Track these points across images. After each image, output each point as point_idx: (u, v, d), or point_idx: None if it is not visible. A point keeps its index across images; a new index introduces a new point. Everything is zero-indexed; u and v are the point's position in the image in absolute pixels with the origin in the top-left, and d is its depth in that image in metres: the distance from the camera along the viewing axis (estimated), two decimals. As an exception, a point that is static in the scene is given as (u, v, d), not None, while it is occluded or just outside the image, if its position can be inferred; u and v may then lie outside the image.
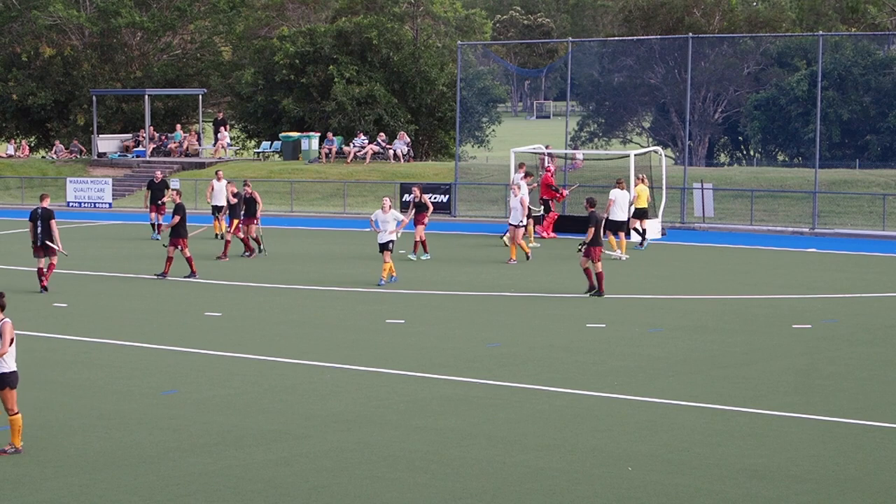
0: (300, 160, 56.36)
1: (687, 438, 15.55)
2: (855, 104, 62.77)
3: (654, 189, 41.30)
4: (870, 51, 63.91)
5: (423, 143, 63.78)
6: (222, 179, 39.53)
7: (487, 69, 76.23)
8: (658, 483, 13.75)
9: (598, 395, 17.95)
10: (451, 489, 13.58)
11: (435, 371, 19.57)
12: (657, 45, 64.52)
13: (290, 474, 14.10)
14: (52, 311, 25.92)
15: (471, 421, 16.46)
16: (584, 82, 71.02)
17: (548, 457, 14.77)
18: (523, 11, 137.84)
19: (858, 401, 17.67)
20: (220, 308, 25.99)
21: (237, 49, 69.00)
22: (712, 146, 72.35)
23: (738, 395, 17.92)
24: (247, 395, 18.02)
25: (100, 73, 67.19)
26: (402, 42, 61.69)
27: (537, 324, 24.15)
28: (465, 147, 61.49)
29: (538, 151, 44.73)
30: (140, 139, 61.09)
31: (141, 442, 15.44)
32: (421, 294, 28.24)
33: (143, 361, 20.56)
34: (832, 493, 13.47)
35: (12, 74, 66.77)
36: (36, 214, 28.34)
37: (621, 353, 21.06)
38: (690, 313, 25.38)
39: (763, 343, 22.01)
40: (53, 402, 17.66)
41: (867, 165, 56.69)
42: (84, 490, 13.54)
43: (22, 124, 69.40)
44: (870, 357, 20.92)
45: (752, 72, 68.61)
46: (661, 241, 39.59)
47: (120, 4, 65.65)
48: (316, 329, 23.73)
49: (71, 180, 54.31)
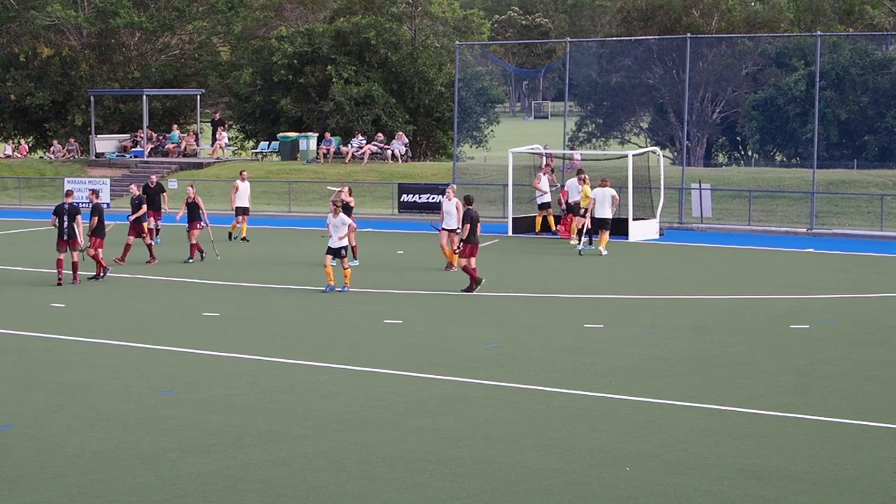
0: (298, 160, 56.35)
1: (685, 439, 15.55)
2: (853, 104, 62.81)
3: (653, 189, 41.38)
4: (868, 51, 63.92)
5: (421, 144, 63.78)
6: (246, 180, 39.58)
7: (485, 69, 76.15)
8: (656, 483, 13.75)
9: (597, 396, 17.95)
10: (449, 489, 13.58)
11: (433, 371, 19.57)
12: (655, 46, 64.53)
13: (288, 474, 14.10)
14: (50, 311, 25.91)
15: (469, 421, 16.46)
16: (582, 82, 71.02)
17: (546, 457, 14.77)
18: (521, 12, 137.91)
19: (857, 401, 17.67)
20: (219, 308, 25.98)
21: (235, 49, 68.98)
22: (710, 146, 72.37)
23: (736, 395, 17.93)
24: (245, 396, 18.02)
25: (98, 74, 67.16)
26: (400, 42, 61.69)
27: (536, 324, 24.15)
28: (463, 147, 61.45)
29: (536, 152, 44.78)
30: (138, 139, 61.08)
31: (139, 442, 15.44)
32: (419, 294, 28.24)
33: (141, 362, 20.56)
34: (830, 493, 13.47)
35: (10, 75, 66.74)
36: (63, 209, 29.55)
37: (619, 354, 21.06)
38: (689, 314, 25.38)
39: (761, 343, 22.01)
40: (51, 402, 17.65)
41: (865, 166, 56.72)
42: (82, 490, 13.54)
43: (20, 124, 69.36)
44: (868, 357, 20.93)
45: (750, 72, 68.63)
46: (659, 241, 39.61)
47: (118, 5, 65.61)
48: (314, 329, 23.73)
49: (69, 180, 54.29)
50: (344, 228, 27.67)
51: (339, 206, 27.89)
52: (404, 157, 55.23)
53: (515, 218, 41.83)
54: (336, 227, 27.63)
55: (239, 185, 39.36)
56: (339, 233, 27.58)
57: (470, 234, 27.69)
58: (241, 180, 39.55)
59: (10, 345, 22.23)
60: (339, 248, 27.66)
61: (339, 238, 27.60)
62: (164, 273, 31.43)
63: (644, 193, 41.15)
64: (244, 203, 39.05)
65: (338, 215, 27.75)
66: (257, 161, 58.92)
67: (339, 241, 27.64)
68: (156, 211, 37.20)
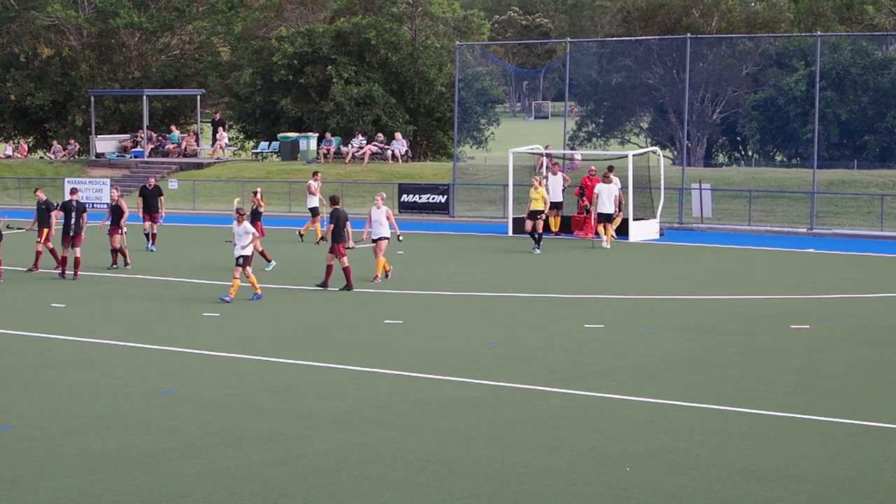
0: (298, 160, 56.35)
1: (685, 439, 15.55)
2: (853, 104, 62.76)
3: (653, 190, 41.39)
4: (868, 51, 63.87)
5: (421, 144, 63.77)
6: (319, 180, 39.74)
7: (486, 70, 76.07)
8: (656, 483, 13.74)
9: (597, 396, 17.95)
10: (450, 489, 13.57)
11: (433, 371, 19.56)
12: (655, 46, 64.49)
13: (289, 475, 14.09)
14: (50, 311, 25.90)
15: (469, 421, 16.45)
16: (582, 83, 71.00)
17: (546, 457, 14.77)
18: (521, 12, 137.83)
19: (857, 401, 17.67)
20: (218, 309, 25.98)
21: (235, 49, 68.98)
22: (710, 147, 72.33)
23: (736, 395, 17.92)
24: (245, 396, 18.01)
25: (98, 74, 67.16)
26: (400, 42, 61.68)
27: (536, 324, 24.15)
28: (463, 148, 61.44)
29: (537, 152, 44.78)
30: (138, 140, 61.08)
31: (139, 442, 15.43)
32: (419, 294, 28.23)
33: (141, 362, 20.55)
34: (831, 493, 13.47)
35: (10, 75, 66.72)
36: (71, 206, 30.33)
37: (620, 354, 21.06)
38: (689, 314, 25.38)
39: (761, 343, 22.01)
40: (51, 402, 17.64)
41: (865, 166, 56.67)
42: (82, 491, 13.53)
43: (20, 125, 69.36)
44: (868, 357, 20.92)
45: (751, 72, 68.59)
46: (659, 241, 39.62)
47: (118, 5, 65.61)
48: (314, 329, 23.73)
49: (69, 181, 54.26)
50: (247, 237, 26.99)
51: (242, 214, 27.24)
52: (405, 158, 55.23)
53: (515, 218, 41.81)
54: (239, 235, 27.04)
55: (312, 186, 39.45)
56: (242, 241, 26.98)
57: (335, 233, 28.16)
58: (314, 181, 39.65)
59: (10, 345, 22.22)
60: (239, 256, 26.88)
61: (242, 247, 26.94)
62: (165, 273, 31.43)
63: (644, 193, 41.17)
64: (316, 203, 39.16)
65: (241, 223, 27.05)
66: (258, 161, 58.92)
67: (241, 250, 26.94)
68: (152, 214, 36.63)
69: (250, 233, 27.14)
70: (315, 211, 39.34)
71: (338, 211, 28.62)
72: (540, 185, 36.87)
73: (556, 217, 40.93)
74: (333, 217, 28.49)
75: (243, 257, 26.91)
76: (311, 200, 39.45)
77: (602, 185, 37.73)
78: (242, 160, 61.21)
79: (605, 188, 37.60)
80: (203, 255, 35.42)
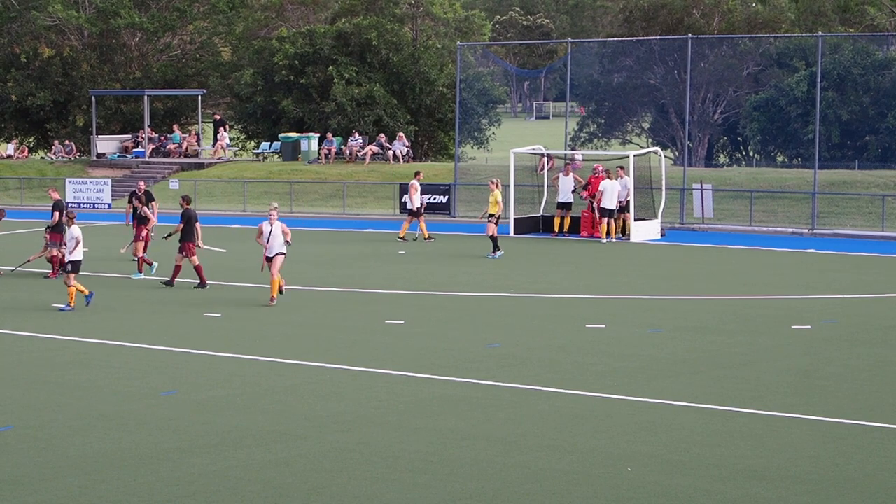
0: (299, 161, 56.37)
1: (686, 439, 15.54)
2: (854, 105, 62.74)
3: (654, 190, 41.40)
4: (869, 52, 63.86)
5: (422, 144, 63.77)
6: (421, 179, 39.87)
7: (487, 70, 76.09)
8: (657, 483, 13.74)
9: (598, 396, 17.95)
10: (451, 490, 13.57)
11: (434, 372, 19.56)
12: (657, 46, 64.49)
13: (290, 475, 14.09)
14: (51, 311, 25.90)
15: (470, 421, 16.45)
16: (583, 83, 71.00)
17: (547, 457, 14.77)
18: (523, 12, 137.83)
19: (858, 401, 17.66)
20: (220, 309, 25.98)
21: (236, 50, 68.98)
22: (711, 147, 72.31)
23: (737, 395, 17.92)
24: (246, 396, 18.01)
25: (99, 74, 67.16)
26: (401, 43, 61.69)
27: (537, 324, 24.15)
28: (464, 148, 61.41)
29: (538, 152, 44.80)
30: (139, 140, 61.08)
31: (140, 443, 15.43)
32: (420, 294, 28.24)
33: (142, 362, 20.55)
34: (832, 493, 13.47)
35: (11, 75, 66.73)
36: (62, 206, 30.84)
37: (621, 354, 21.05)
38: (690, 314, 25.38)
39: (763, 344, 22.01)
40: (52, 402, 17.64)
41: (866, 166, 56.65)
42: (83, 491, 13.53)
43: (21, 125, 69.37)
44: (869, 357, 20.92)
45: (752, 72, 68.57)
46: (660, 241, 39.62)
47: (119, 5, 65.62)
48: (315, 330, 23.73)
49: (70, 181, 54.30)
50: (73, 243, 26.18)
51: (72, 218, 26.59)
52: (406, 158, 55.23)
53: (517, 218, 41.81)
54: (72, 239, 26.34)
55: (417, 185, 39.40)
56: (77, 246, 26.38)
57: (185, 232, 28.60)
58: (416, 180, 39.72)
59: (10, 345, 22.22)
60: (70, 261, 26.14)
61: (70, 252, 26.27)
62: (165, 273, 31.42)
63: (646, 194, 41.16)
64: (418, 203, 39.18)
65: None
66: (259, 161, 58.93)
67: (72, 255, 26.14)
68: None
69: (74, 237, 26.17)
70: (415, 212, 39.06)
71: (188, 211, 29.05)
72: (497, 187, 35.23)
73: (566, 218, 40.92)
74: (185, 216, 28.89)
75: (72, 262, 25.89)
76: (414, 201, 39.23)
77: (607, 182, 38.40)
78: (244, 160, 61.21)
79: (609, 184, 38.30)
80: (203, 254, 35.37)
